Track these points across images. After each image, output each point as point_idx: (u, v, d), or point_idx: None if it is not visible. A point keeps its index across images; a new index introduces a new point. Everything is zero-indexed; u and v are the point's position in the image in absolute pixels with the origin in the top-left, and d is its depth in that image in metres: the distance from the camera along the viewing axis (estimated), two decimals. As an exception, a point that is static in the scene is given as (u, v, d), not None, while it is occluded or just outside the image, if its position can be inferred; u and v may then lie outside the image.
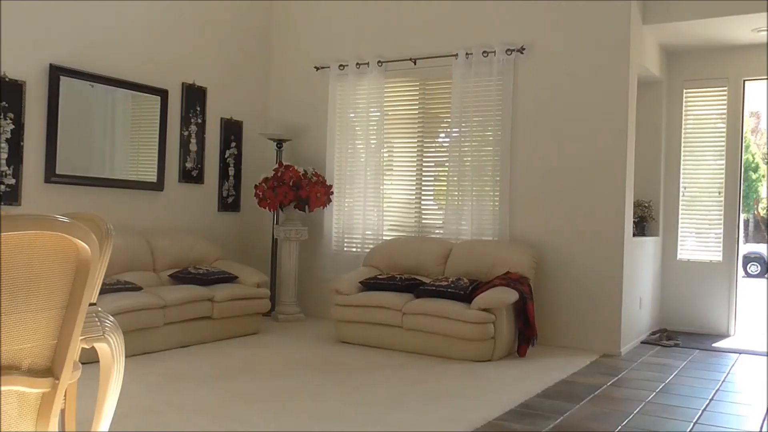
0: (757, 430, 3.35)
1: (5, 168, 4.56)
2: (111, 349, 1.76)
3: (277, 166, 6.02)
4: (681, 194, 6.40)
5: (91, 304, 1.65)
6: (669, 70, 6.39)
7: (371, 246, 5.94)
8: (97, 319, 1.75)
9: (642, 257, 5.77)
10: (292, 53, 6.60)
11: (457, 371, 4.35)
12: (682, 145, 6.39)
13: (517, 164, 5.47)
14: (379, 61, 6.02)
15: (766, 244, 16.96)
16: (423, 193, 6.03)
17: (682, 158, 6.39)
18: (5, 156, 4.55)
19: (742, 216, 7.08)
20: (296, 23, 6.60)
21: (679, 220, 6.41)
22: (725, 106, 6.20)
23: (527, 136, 5.44)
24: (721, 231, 6.20)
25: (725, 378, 4.48)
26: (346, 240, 6.22)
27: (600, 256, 5.15)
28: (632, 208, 5.44)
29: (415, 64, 5.89)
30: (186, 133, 5.91)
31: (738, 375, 4.63)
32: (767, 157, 21.44)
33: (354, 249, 6.15)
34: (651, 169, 6.28)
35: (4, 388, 1.43)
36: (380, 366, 4.44)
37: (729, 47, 6.04)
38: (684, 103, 6.39)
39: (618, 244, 5.12)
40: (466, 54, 5.60)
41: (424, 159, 6.02)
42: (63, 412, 1.84)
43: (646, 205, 6.18)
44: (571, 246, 5.24)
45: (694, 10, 5.25)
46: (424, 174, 6.02)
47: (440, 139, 6.03)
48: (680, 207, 6.40)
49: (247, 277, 5.42)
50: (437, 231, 5.89)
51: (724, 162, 6.19)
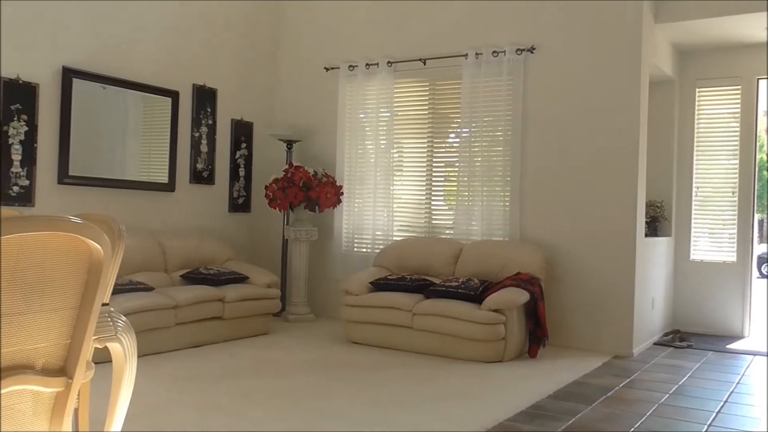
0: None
1: (19, 169, 4.60)
2: (123, 349, 1.77)
3: (287, 166, 6.03)
4: (694, 194, 6.35)
5: (103, 305, 1.65)
6: (681, 69, 6.34)
7: (381, 246, 5.94)
8: (109, 319, 1.76)
9: (654, 257, 5.73)
10: (302, 54, 6.61)
11: (467, 372, 4.34)
12: (695, 144, 6.34)
13: (527, 164, 5.45)
14: (388, 62, 6.02)
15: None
16: (433, 193, 6.02)
17: (694, 158, 6.34)
18: (19, 158, 4.59)
19: (757, 216, 7.01)
20: (306, 24, 6.61)
21: (692, 220, 6.36)
22: (738, 105, 6.14)
23: (538, 136, 5.42)
24: (735, 231, 6.14)
25: (740, 380, 4.44)
26: (356, 240, 6.22)
27: (612, 257, 5.11)
28: (644, 208, 5.41)
29: (424, 64, 5.88)
30: (197, 134, 5.94)
31: (753, 377, 4.58)
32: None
33: (364, 249, 6.15)
34: (663, 168, 6.24)
35: (18, 387, 1.44)
36: (390, 366, 4.44)
37: (742, 45, 5.98)
38: (696, 102, 6.34)
39: (630, 244, 5.08)
40: (476, 54, 5.58)
41: (434, 159, 6.01)
42: (76, 411, 1.85)
43: (658, 205, 6.13)
44: (582, 246, 5.22)
45: (706, 8, 5.21)
46: (434, 174, 6.01)
47: (450, 140, 6.02)
48: (693, 207, 6.35)
49: (257, 277, 5.44)
50: (447, 231, 5.88)
51: (737, 161, 6.13)
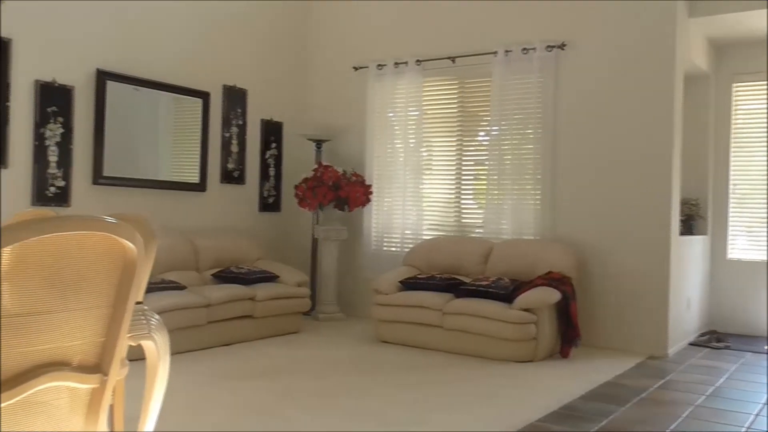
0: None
1: (56, 170, 4.70)
2: (156, 347, 1.79)
3: (316, 166, 6.06)
4: (731, 191, 6.20)
5: (137, 303, 1.68)
6: (717, 63, 6.19)
7: (410, 245, 5.93)
8: (143, 318, 1.78)
9: (690, 257, 5.60)
10: (331, 54, 6.64)
11: (498, 372, 4.30)
12: (731, 140, 6.19)
13: (558, 162, 5.38)
14: (417, 60, 6.00)
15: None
16: (462, 192, 5.99)
17: (731, 154, 6.19)
18: (55, 159, 4.70)
19: (796, 214, 6.81)
20: (335, 24, 6.64)
21: (729, 219, 6.20)
22: (777, 100, 5.98)
23: (569, 134, 5.34)
24: (774, 229, 5.99)
25: (779, 382, 4.33)
26: (385, 239, 6.22)
27: (646, 255, 5.02)
28: (679, 206, 5.29)
29: (453, 62, 5.85)
30: (227, 135, 6.00)
31: (792, 379, 4.46)
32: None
33: (393, 248, 6.15)
34: (699, 165, 6.10)
35: (56, 383, 1.47)
36: (420, 366, 4.43)
37: (781, 39, 5.82)
38: (733, 98, 6.19)
39: (664, 243, 4.98)
40: (506, 51, 5.53)
41: (463, 158, 5.98)
42: (111, 408, 1.88)
43: (694, 203, 6.00)
44: (615, 245, 5.13)
45: (741, 1, 5.08)
46: (463, 173, 5.98)
47: (480, 138, 5.98)
48: (729, 205, 6.20)
49: (287, 276, 5.47)
50: (477, 230, 5.84)
51: (776, 158, 5.97)
